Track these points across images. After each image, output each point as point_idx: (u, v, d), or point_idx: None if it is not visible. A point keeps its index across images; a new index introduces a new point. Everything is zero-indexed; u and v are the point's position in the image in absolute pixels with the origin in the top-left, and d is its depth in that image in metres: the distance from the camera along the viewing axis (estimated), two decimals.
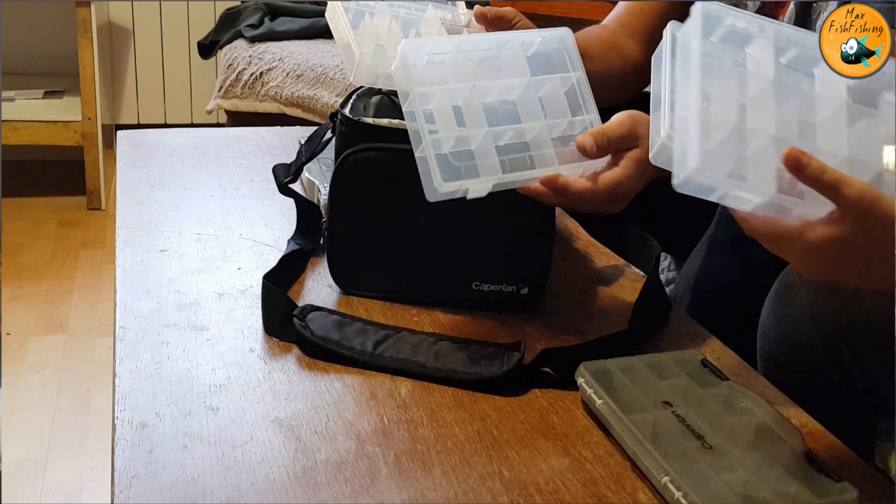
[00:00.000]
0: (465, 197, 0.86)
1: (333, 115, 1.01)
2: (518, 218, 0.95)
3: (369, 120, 0.94)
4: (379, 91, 1.02)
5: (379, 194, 0.95)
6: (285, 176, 1.07)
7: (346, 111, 0.96)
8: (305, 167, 1.10)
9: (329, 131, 1.04)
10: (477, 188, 0.86)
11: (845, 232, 0.68)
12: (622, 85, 1.21)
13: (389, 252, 0.96)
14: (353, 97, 1.00)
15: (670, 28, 0.76)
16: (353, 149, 0.94)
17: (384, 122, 0.94)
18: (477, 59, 0.92)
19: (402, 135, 0.92)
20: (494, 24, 1.11)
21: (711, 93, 0.71)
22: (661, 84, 0.74)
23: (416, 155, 0.84)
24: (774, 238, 0.72)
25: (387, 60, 1.00)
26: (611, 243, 1.16)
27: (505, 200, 0.93)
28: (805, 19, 1.17)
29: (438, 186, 0.83)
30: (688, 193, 0.71)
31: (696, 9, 0.75)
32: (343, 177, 0.95)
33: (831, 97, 0.75)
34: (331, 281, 0.99)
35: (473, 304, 0.97)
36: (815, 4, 1.16)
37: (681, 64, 0.73)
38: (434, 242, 0.96)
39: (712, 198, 0.71)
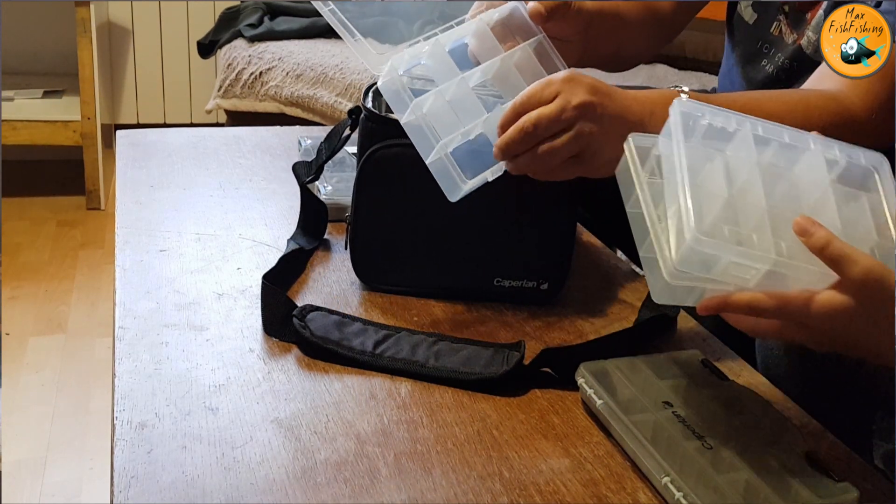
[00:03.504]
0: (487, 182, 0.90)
1: (352, 112, 1.01)
2: (542, 215, 0.95)
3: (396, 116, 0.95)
4: None
5: (405, 190, 0.95)
6: (307, 174, 1.07)
7: (371, 107, 0.96)
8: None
9: (348, 128, 1.04)
10: (495, 170, 0.90)
11: (848, 304, 0.66)
12: (649, 35, 1.21)
13: (413, 248, 0.96)
14: (371, 93, 1.00)
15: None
16: (379, 145, 0.94)
17: None
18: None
19: None
20: (552, 16, 1.00)
21: (702, 182, 0.71)
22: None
23: (428, 162, 0.86)
24: (778, 308, 0.68)
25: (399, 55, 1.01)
26: (622, 243, 1.14)
27: (529, 198, 0.94)
28: None
29: (463, 184, 0.86)
30: (688, 271, 0.68)
31: (674, 109, 0.73)
32: (369, 172, 0.95)
33: (818, 181, 0.75)
34: (331, 281, 0.99)
35: (492, 298, 0.98)
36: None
37: (666, 163, 0.72)
38: (458, 239, 0.96)
39: (714, 272, 0.68)
